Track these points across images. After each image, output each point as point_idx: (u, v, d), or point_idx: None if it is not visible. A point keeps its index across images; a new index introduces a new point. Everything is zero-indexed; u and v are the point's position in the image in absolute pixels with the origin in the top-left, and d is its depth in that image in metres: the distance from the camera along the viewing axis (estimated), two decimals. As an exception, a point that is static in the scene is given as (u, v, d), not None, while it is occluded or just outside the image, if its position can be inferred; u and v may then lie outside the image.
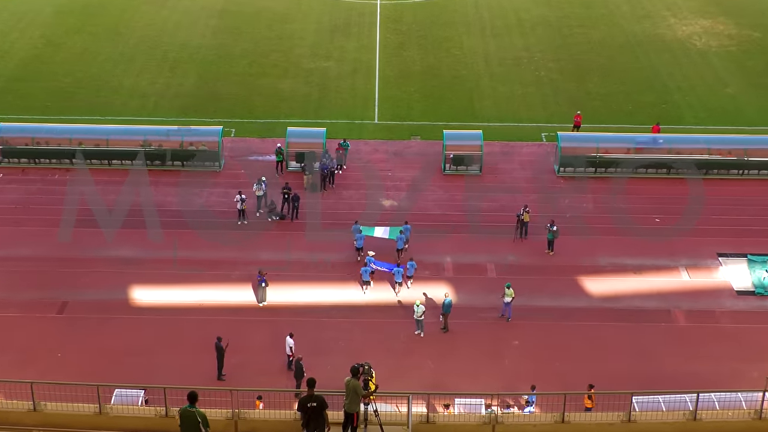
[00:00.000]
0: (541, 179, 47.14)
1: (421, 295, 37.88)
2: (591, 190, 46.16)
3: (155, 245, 40.80)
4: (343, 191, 45.79)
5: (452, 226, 42.70)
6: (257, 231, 42.17)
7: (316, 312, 37.19)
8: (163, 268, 39.35)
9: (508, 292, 36.10)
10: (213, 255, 40.21)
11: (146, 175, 46.23)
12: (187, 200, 44.74)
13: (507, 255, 40.91)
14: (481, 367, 34.25)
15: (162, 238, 40.12)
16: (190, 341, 35.20)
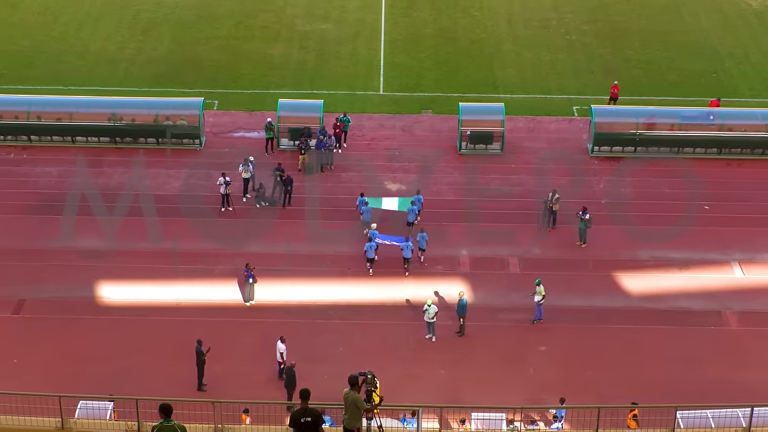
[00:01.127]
0: (573, 160, 47.08)
1: (432, 294, 37.88)
2: (630, 172, 46.10)
3: (125, 234, 40.88)
4: (342, 173, 45.79)
5: (469, 214, 42.69)
6: (244, 219, 42.17)
7: (311, 312, 37.23)
8: (135, 261, 39.43)
9: (538, 290, 36.08)
10: (193, 247, 40.21)
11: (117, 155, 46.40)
12: (162, 183, 44.77)
13: (532, 247, 40.89)
14: (501, 377, 34.26)
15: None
16: (166, 346, 35.25)
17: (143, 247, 40.13)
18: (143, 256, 39.66)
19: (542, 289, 36.06)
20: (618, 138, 47.26)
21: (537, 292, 36.10)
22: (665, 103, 50.71)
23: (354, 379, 20.43)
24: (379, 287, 38.54)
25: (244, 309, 37.31)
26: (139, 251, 39.96)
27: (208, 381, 33.30)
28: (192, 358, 33.09)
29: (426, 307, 35.48)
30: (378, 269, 39.25)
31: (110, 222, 41.55)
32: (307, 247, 40.49)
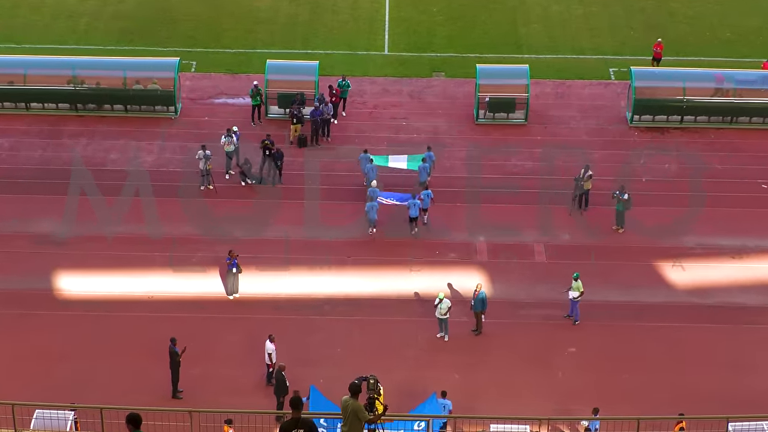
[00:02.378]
0: (609, 131, 47.02)
1: (444, 286, 37.87)
2: (675, 145, 46.03)
3: (88, 217, 40.85)
4: (341, 146, 45.76)
5: (487, 194, 42.61)
6: (227, 199, 42.17)
7: (304, 307, 37.22)
8: (100, 247, 39.42)
9: (575, 285, 36.09)
10: (167, 231, 40.22)
11: (80, 124, 46.38)
12: (132, 157, 44.75)
13: (560, 232, 40.87)
14: (524, 382, 34.26)
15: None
16: (136, 346, 35.26)
17: (109, 232, 40.06)
18: (108, 242, 39.61)
19: (580, 285, 35.99)
20: (661, 105, 47.16)
21: (573, 288, 36.02)
22: (716, 64, 50.52)
23: (355, 386, 20.37)
24: (382, 278, 38.55)
25: (226, 303, 37.33)
26: (104, 236, 39.90)
27: (184, 387, 33.28)
28: (165, 359, 33.09)
29: (437, 301, 35.47)
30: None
31: (70, 202, 41.53)
32: (300, 231, 40.47)
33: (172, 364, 32.84)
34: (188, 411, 22.45)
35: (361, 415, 20.34)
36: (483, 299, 35.65)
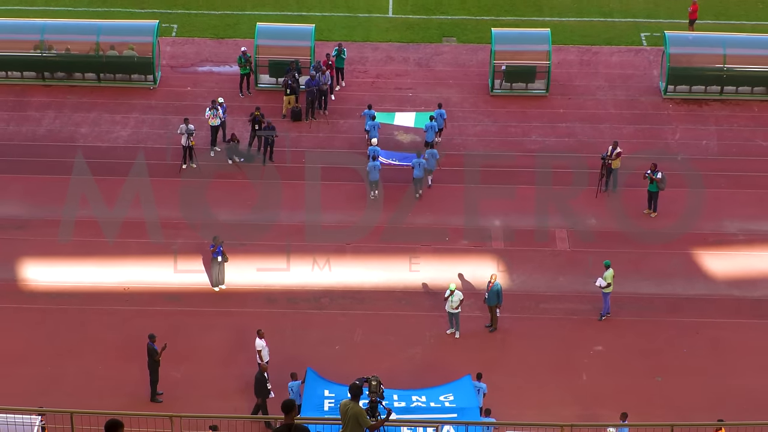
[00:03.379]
0: (640, 103, 47.02)
1: (455, 276, 37.78)
2: (714, 119, 46.03)
3: (55, 198, 40.78)
4: (340, 120, 45.75)
5: (504, 174, 42.61)
6: (212, 179, 42.19)
7: (299, 300, 37.22)
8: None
9: (607, 274, 36.00)
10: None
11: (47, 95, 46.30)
12: (105, 132, 44.80)
13: (586, 217, 40.86)
14: (544, 385, 34.23)
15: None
16: (111, 343, 35.25)
17: (79, 215, 40.04)
18: (79, 227, 39.58)
19: (611, 275, 35.89)
20: (699, 75, 47.12)
21: (605, 277, 35.93)
22: (760, 29, 50.41)
23: (356, 388, 20.29)
24: (386, 267, 38.49)
25: (211, 295, 37.32)
26: (74, 220, 39.85)
27: (164, 389, 33.24)
28: (143, 358, 33.02)
29: (448, 293, 35.38)
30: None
31: (36, 182, 41.47)
32: (293, 215, 40.46)
33: (151, 363, 32.77)
34: (169, 416, 22.48)
35: (363, 420, 20.26)
36: (498, 292, 35.56)
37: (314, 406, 30.80)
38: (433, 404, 31.15)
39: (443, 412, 30.72)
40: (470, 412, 30.78)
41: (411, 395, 31.67)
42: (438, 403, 31.24)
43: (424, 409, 30.80)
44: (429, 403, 31.21)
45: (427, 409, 30.86)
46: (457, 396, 31.54)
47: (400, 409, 30.15)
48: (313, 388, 31.71)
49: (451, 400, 31.39)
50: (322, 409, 30.83)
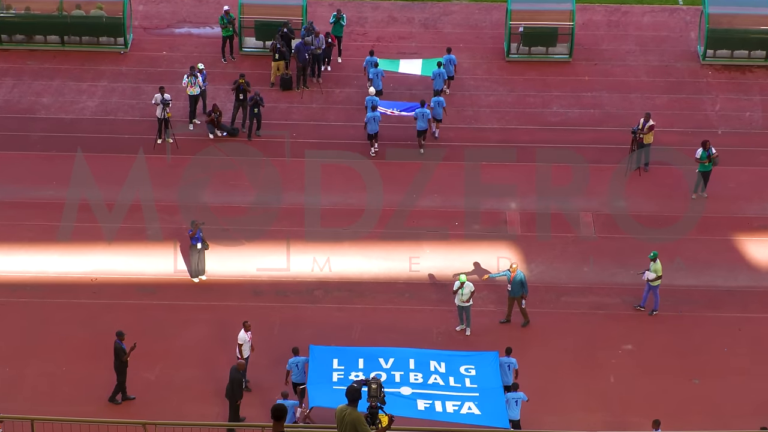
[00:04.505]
0: (675, 70, 47.08)
1: (466, 265, 37.80)
2: (759, 88, 46.17)
3: (14, 176, 40.79)
4: (335, 90, 45.80)
5: (521, 150, 42.73)
6: (190, 156, 42.24)
7: (290, 293, 37.25)
8: (29, 215, 39.38)
9: (653, 267, 35.99)
10: (116, 195, 40.23)
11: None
12: (70, 103, 44.85)
13: (614, 198, 40.90)
14: (567, 388, 34.20)
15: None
16: (76, 341, 35.24)
17: (40, 196, 40.06)
18: (42, 209, 39.59)
19: (659, 267, 35.86)
20: (742, 38, 47.17)
21: (651, 269, 35.88)
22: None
23: (354, 392, 20.28)
24: (388, 255, 38.53)
25: (190, 287, 37.36)
26: (34, 202, 39.87)
27: (136, 392, 33.22)
28: (110, 358, 32.97)
29: (457, 285, 35.32)
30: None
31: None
32: (282, 196, 40.54)
33: (118, 364, 32.71)
34: (142, 423, 22.55)
35: (362, 428, 20.21)
36: (522, 281, 35.45)
37: (322, 381, 31.32)
38: (452, 381, 31.59)
39: (463, 391, 31.23)
40: (493, 394, 31.26)
41: (430, 359, 32.29)
42: (458, 379, 31.66)
43: (442, 387, 31.30)
44: (448, 377, 31.69)
45: (445, 387, 31.34)
46: (480, 371, 32.03)
47: (416, 385, 30.81)
48: (320, 360, 32.16)
49: (473, 375, 31.85)
50: (330, 381, 31.37)
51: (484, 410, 30.61)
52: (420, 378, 31.61)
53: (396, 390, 30.79)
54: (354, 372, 31.41)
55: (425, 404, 30.62)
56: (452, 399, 30.84)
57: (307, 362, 32.30)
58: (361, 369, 31.67)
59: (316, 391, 31.02)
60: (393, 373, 31.65)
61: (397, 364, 32.07)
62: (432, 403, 30.61)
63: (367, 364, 31.98)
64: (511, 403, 31.37)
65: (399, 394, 30.78)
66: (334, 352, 32.65)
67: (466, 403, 30.57)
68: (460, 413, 30.47)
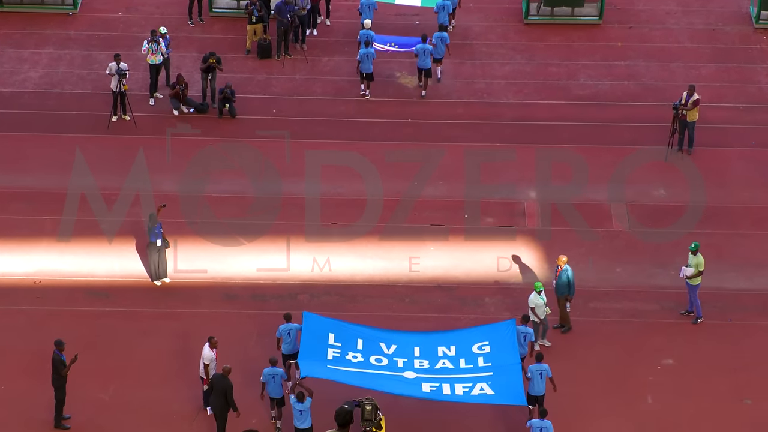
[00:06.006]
0: (724, 35, 47.19)
1: (477, 264, 37.75)
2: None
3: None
4: (323, 58, 46.01)
5: (541, 129, 42.90)
6: (151, 135, 42.42)
7: (269, 297, 37.29)
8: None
9: (693, 261, 35.86)
10: (62, 184, 40.34)
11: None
12: (9, 73, 45.10)
13: (652, 186, 41.01)
14: (597, 410, 34.19)
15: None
16: (15, 354, 35.21)
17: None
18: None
19: (701, 261, 35.73)
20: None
21: (690, 264, 35.81)
22: None
23: (345, 414, 20.32)
24: (384, 254, 38.49)
25: (150, 291, 37.36)
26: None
27: (88, 415, 33.21)
28: (48, 372, 32.81)
29: (537, 299, 34.80)
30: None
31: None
32: (259, 184, 40.57)
33: (56, 379, 32.62)
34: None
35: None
36: (569, 280, 35.41)
37: (315, 356, 31.79)
38: (463, 363, 32.08)
39: (475, 372, 31.75)
40: (508, 370, 31.70)
41: (437, 344, 32.78)
42: (470, 360, 32.16)
43: (451, 371, 31.87)
44: (458, 360, 32.20)
45: (455, 371, 31.88)
46: (494, 347, 32.50)
47: (421, 370, 31.58)
48: (313, 334, 32.63)
49: (486, 353, 32.30)
50: (324, 358, 31.80)
51: (498, 389, 31.17)
52: (426, 364, 32.17)
53: (399, 374, 31.45)
54: (352, 352, 31.95)
55: (431, 387, 31.23)
56: (462, 381, 31.45)
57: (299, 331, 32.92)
58: (359, 350, 32.20)
59: (308, 365, 31.42)
60: (395, 359, 32.24)
61: (401, 350, 32.64)
62: (439, 386, 31.25)
63: (366, 346, 32.51)
64: (535, 376, 31.98)
65: (402, 377, 31.41)
66: (330, 325, 33.16)
67: (478, 384, 31.22)
68: (471, 395, 31.07)
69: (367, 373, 31.40)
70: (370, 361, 32.14)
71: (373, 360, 31.93)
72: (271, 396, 32.45)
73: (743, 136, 41.72)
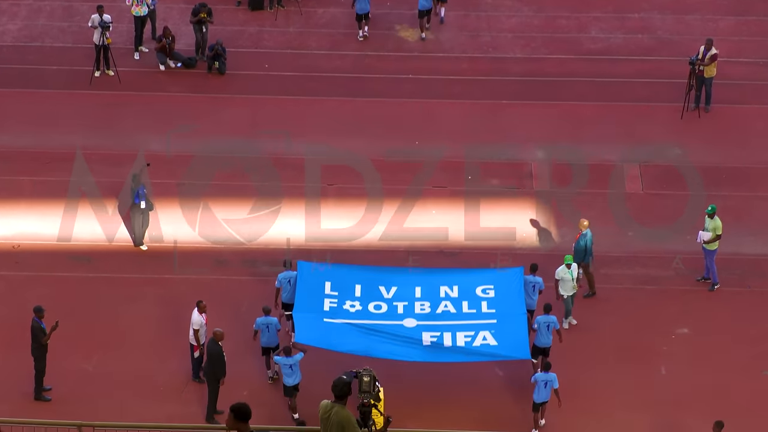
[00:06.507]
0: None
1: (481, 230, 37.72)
2: None
3: None
4: (318, 9, 46.02)
5: (549, 85, 42.94)
6: (137, 91, 42.51)
7: (260, 263, 37.28)
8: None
9: (711, 224, 35.85)
10: (42, 142, 40.46)
11: None
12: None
13: (667, 146, 40.98)
14: (608, 381, 34.16)
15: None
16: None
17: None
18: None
19: (719, 224, 35.71)
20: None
21: (708, 228, 35.82)
22: None
23: (343, 385, 20.13)
24: (383, 217, 38.43)
25: (134, 256, 37.38)
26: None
27: (70, 386, 33.16)
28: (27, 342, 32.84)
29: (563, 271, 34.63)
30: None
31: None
32: (251, 143, 40.63)
33: (35, 348, 32.62)
34: (77, 425, 22.47)
35: (351, 430, 20.10)
36: (587, 247, 35.43)
37: (311, 308, 32.10)
38: (466, 306, 32.48)
39: (478, 318, 32.02)
40: (513, 319, 31.98)
41: (439, 284, 33.19)
42: (473, 304, 32.54)
43: (454, 316, 32.23)
44: (461, 303, 32.58)
45: (457, 315, 32.27)
46: (500, 292, 32.80)
47: (422, 316, 31.99)
48: (309, 285, 32.86)
49: (490, 298, 32.65)
50: (320, 310, 32.15)
51: (501, 340, 31.43)
52: (427, 307, 32.48)
53: (398, 322, 31.82)
54: (350, 301, 32.36)
55: (432, 337, 31.54)
56: (464, 329, 31.75)
57: (294, 280, 33.16)
58: (357, 298, 32.58)
59: (303, 322, 31.64)
60: (395, 304, 32.55)
61: (401, 292, 32.93)
62: (440, 335, 31.56)
63: (365, 292, 32.81)
64: (542, 327, 32.31)
65: (401, 327, 31.77)
66: (327, 274, 33.39)
67: (481, 333, 31.51)
68: (473, 345, 31.31)
69: (365, 331, 31.76)
70: (368, 309, 32.47)
71: (372, 307, 32.30)
72: (265, 346, 32.68)
73: (763, 93, 41.66)
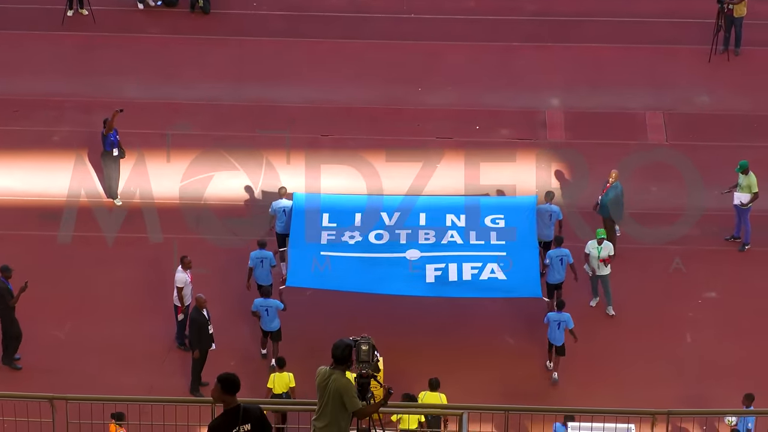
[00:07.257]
0: None
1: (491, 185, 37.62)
2: None
3: None
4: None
5: (565, 27, 42.93)
6: (112, 32, 42.59)
7: (246, 222, 37.19)
8: None
9: (745, 181, 35.80)
10: (7, 88, 40.62)
11: None
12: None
13: (693, 92, 41.10)
14: (630, 352, 34.31)
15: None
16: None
17: None
18: None
19: (754, 181, 35.71)
20: None
21: (742, 187, 35.79)
22: None
23: (343, 349, 20.05)
24: (384, 171, 38.34)
25: (108, 211, 37.34)
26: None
27: (41, 355, 33.30)
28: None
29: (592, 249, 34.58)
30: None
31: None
32: (240, 89, 40.82)
33: (3, 310, 32.79)
34: (48, 398, 22.58)
35: (349, 400, 20.14)
36: (618, 198, 35.55)
37: (307, 244, 32.68)
38: (473, 236, 33.08)
39: (486, 250, 32.62)
40: (524, 252, 32.53)
41: (446, 212, 33.88)
42: (481, 235, 33.09)
43: (460, 247, 32.80)
44: (468, 233, 33.13)
45: (464, 246, 32.80)
46: (510, 222, 33.30)
47: (426, 247, 32.61)
48: (305, 217, 33.40)
49: (500, 228, 33.17)
50: (317, 244, 32.63)
51: (510, 274, 31.88)
52: (432, 237, 32.97)
53: (401, 255, 32.35)
54: (349, 232, 32.94)
55: (436, 270, 32.02)
56: (471, 260, 32.27)
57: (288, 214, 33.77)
58: (357, 227, 33.19)
59: (298, 261, 32.19)
60: (398, 232, 33.14)
61: (404, 219, 33.50)
62: (445, 267, 32.06)
63: (365, 221, 33.37)
64: (555, 262, 32.46)
65: (404, 259, 32.31)
66: (324, 205, 33.93)
67: (489, 265, 31.97)
68: (480, 279, 31.80)
69: (364, 264, 32.20)
70: (369, 239, 33.03)
71: (373, 237, 32.87)
72: (259, 282, 33.02)
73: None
